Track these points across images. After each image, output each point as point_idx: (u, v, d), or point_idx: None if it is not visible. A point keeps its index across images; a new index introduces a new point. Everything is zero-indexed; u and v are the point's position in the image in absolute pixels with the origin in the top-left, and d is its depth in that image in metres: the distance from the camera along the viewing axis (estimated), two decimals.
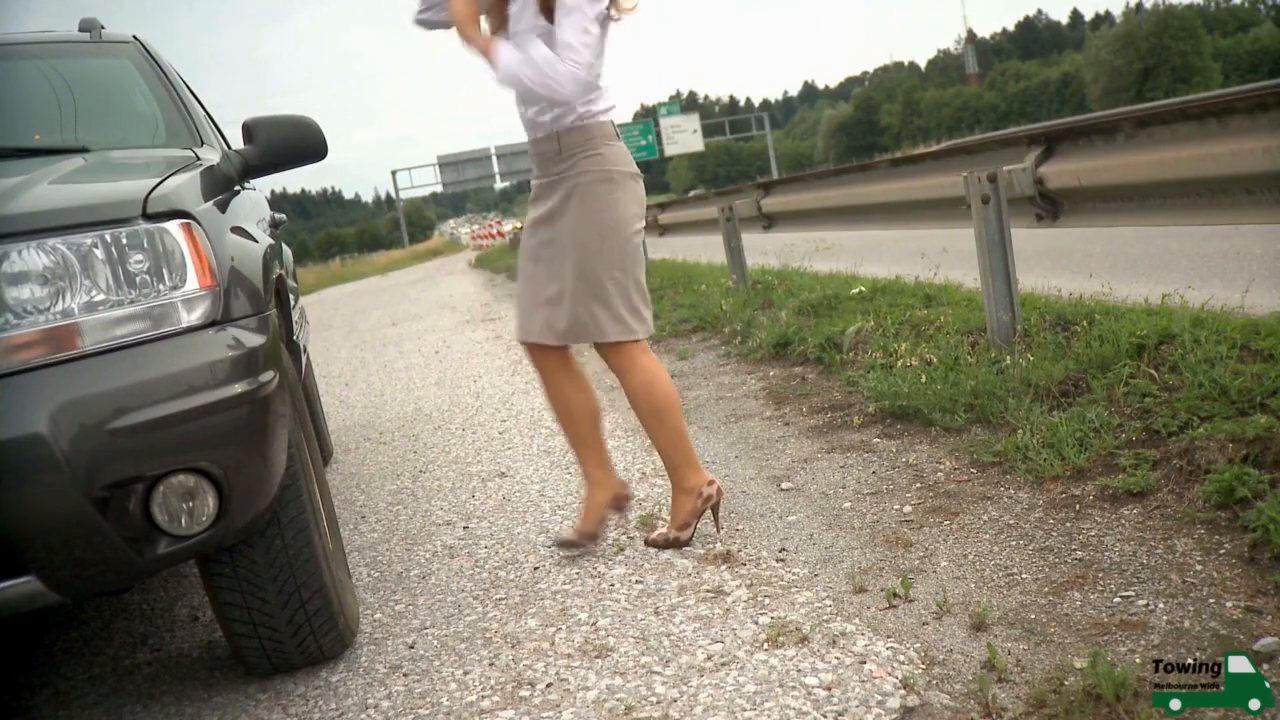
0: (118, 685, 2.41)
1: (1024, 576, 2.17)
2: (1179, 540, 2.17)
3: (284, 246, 3.80)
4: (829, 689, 1.83)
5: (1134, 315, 3.36)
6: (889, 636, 2.01)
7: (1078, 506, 2.46)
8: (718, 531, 2.71)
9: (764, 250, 7.74)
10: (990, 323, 3.76)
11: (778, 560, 2.49)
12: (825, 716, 1.74)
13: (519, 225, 26.82)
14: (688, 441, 2.68)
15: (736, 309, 6.03)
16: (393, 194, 55.53)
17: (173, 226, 1.85)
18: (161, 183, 1.95)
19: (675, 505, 2.68)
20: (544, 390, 2.77)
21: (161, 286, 1.81)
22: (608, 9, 2.52)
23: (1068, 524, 2.38)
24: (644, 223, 2.68)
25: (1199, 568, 2.04)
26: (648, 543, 2.69)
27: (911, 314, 4.52)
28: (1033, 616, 1.99)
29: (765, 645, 2.03)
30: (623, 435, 4.01)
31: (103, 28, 3.17)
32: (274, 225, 3.20)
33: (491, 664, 2.16)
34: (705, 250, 10.09)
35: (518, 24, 2.51)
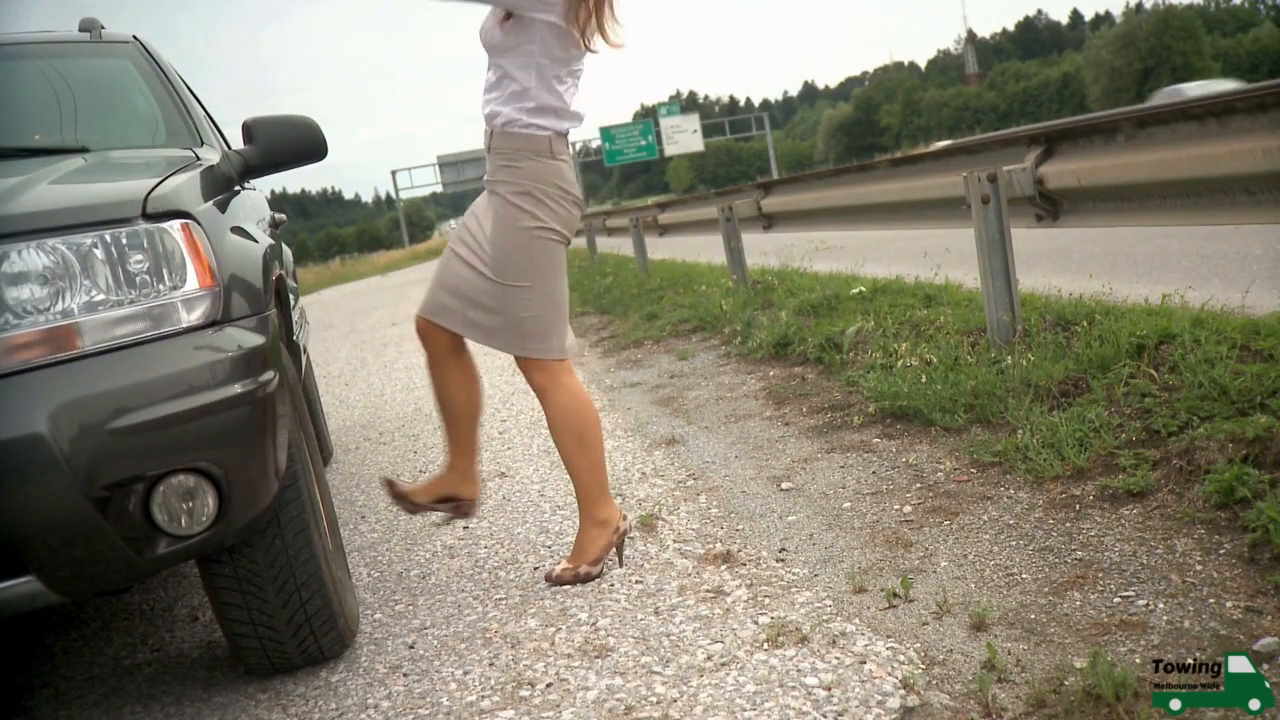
0: (118, 685, 2.41)
1: (1024, 576, 2.17)
2: (1179, 540, 2.17)
3: (284, 246, 3.80)
4: (829, 689, 1.83)
5: (1134, 315, 3.37)
6: (889, 636, 2.01)
7: (1078, 506, 2.46)
8: (620, 565, 2.60)
9: (764, 250, 7.74)
10: (990, 323, 3.76)
11: (778, 560, 2.49)
12: (825, 716, 1.74)
13: None
14: (602, 471, 2.58)
15: (736, 309, 6.03)
16: (393, 194, 55.55)
17: (173, 226, 1.85)
18: (161, 183, 1.95)
19: (586, 537, 2.56)
20: (431, 371, 2.66)
21: (161, 286, 1.81)
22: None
23: (1068, 524, 2.38)
24: (558, 246, 2.53)
25: (1199, 568, 2.04)
26: (551, 580, 2.55)
27: (911, 314, 4.52)
28: (1033, 616, 1.99)
29: (765, 645, 2.03)
30: (623, 435, 4.01)
31: (103, 28, 3.17)
32: (274, 225, 3.20)
33: (491, 664, 2.16)
34: (705, 250, 10.09)
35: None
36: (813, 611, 2.16)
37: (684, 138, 48.25)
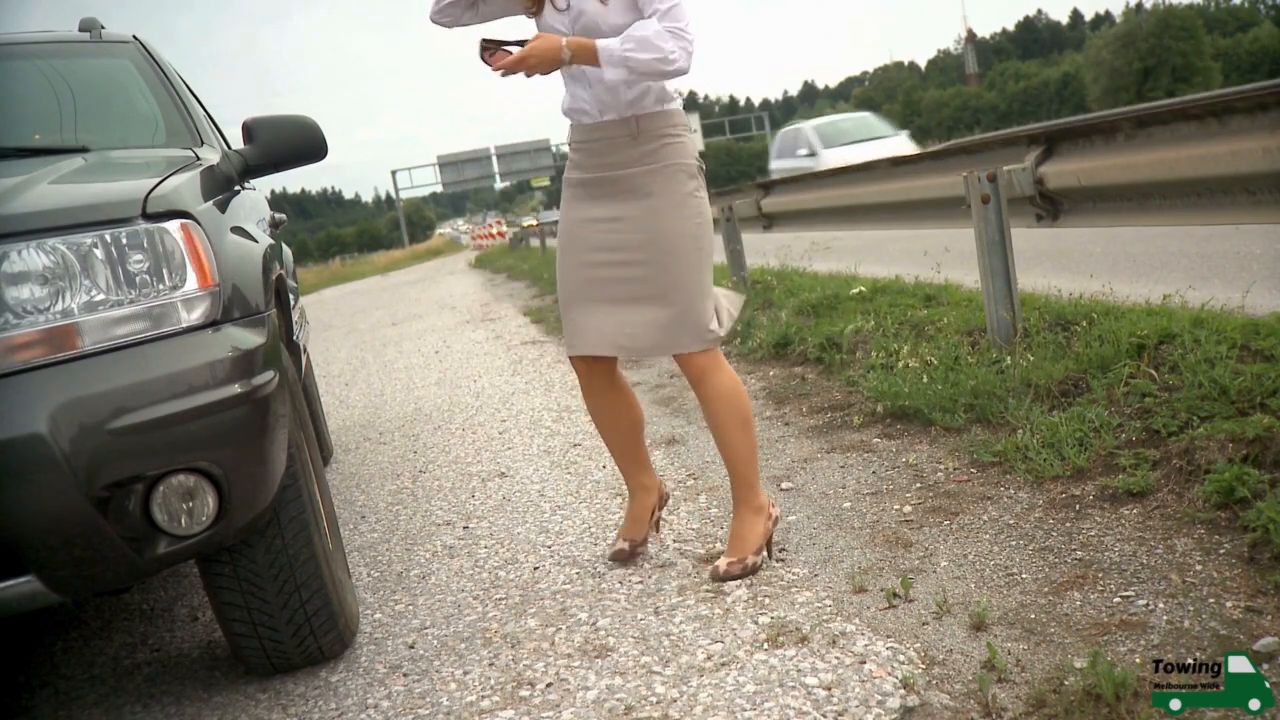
0: (118, 685, 2.41)
1: (1024, 576, 2.17)
2: (1179, 540, 2.17)
3: (284, 246, 3.80)
4: (829, 689, 1.83)
5: (1134, 315, 3.36)
6: (889, 636, 2.01)
7: (1078, 506, 2.46)
8: (770, 557, 2.49)
9: (764, 250, 7.73)
10: (990, 323, 3.76)
11: (778, 560, 2.49)
12: (825, 716, 1.74)
13: (533, 223, 25.73)
14: (756, 457, 2.48)
15: None
16: (393, 194, 55.57)
17: (172, 226, 1.85)
18: (161, 183, 1.95)
19: (745, 525, 2.43)
20: (588, 403, 2.60)
21: (161, 286, 1.81)
22: None
23: (1068, 524, 2.38)
24: None
25: (1199, 568, 2.04)
26: (719, 576, 2.37)
27: (911, 314, 4.52)
28: (1033, 616, 1.99)
29: (765, 645, 2.03)
30: None
31: (103, 28, 3.17)
32: (274, 225, 3.20)
33: (491, 664, 2.16)
34: None
35: None
36: (813, 611, 2.16)
37: None
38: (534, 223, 24.36)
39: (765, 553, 2.47)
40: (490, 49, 2.27)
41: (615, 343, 2.42)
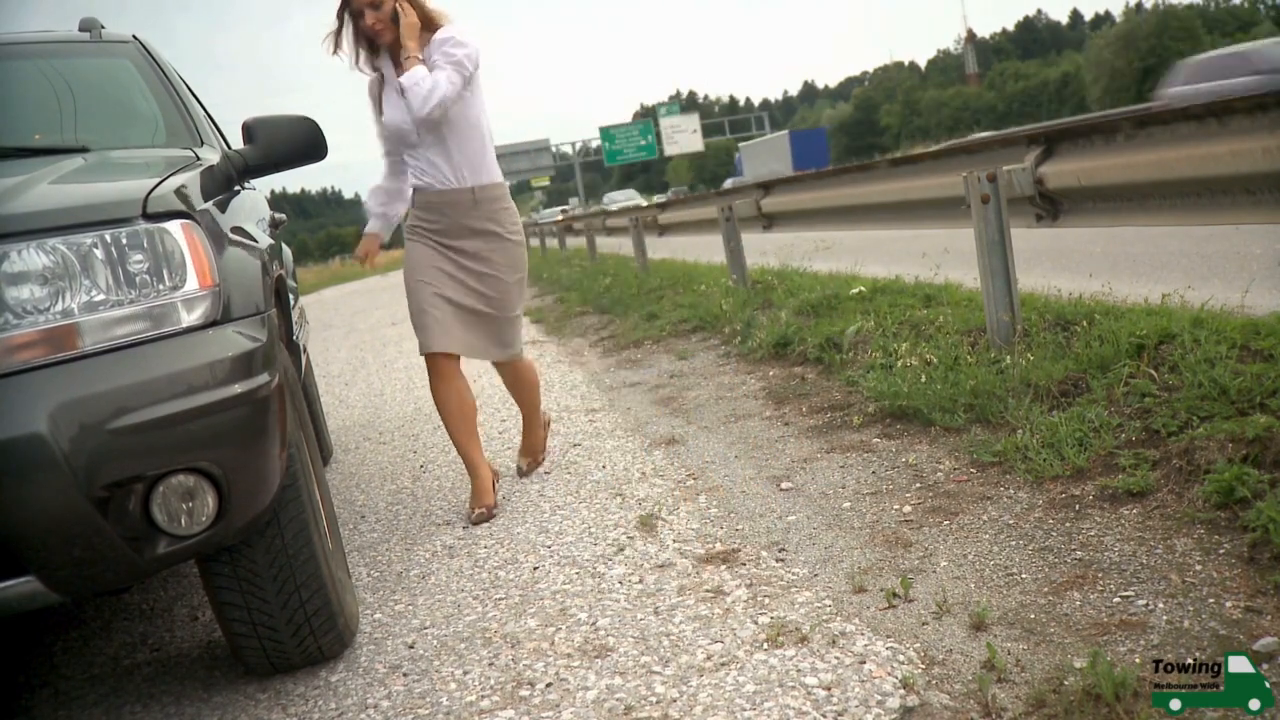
0: (118, 685, 2.41)
1: (1024, 576, 2.17)
2: (1179, 540, 2.17)
3: (284, 246, 3.80)
4: (829, 689, 1.83)
5: (1134, 315, 3.37)
6: (889, 636, 2.01)
7: (1078, 506, 2.46)
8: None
9: (764, 250, 7.74)
10: (990, 323, 3.76)
11: (778, 560, 2.49)
12: (825, 716, 1.74)
13: (559, 217, 26.73)
14: (540, 397, 3.76)
15: (736, 309, 6.03)
16: None
17: (172, 226, 1.85)
18: (161, 183, 1.95)
19: (535, 437, 3.72)
20: (441, 392, 3.30)
21: (161, 286, 1.81)
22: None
23: (1068, 524, 2.38)
24: None
25: (1199, 568, 2.04)
26: (523, 474, 3.66)
27: (911, 314, 4.52)
28: (1033, 616, 1.99)
29: (765, 645, 2.03)
30: (623, 435, 4.01)
31: (103, 28, 3.17)
32: (274, 225, 3.20)
33: (491, 664, 2.16)
34: (705, 250, 10.09)
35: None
36: (813, 611, 2.16)
37: (684, 138, 48.30)
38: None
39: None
40: None
41: (490, 346, 3.42)
